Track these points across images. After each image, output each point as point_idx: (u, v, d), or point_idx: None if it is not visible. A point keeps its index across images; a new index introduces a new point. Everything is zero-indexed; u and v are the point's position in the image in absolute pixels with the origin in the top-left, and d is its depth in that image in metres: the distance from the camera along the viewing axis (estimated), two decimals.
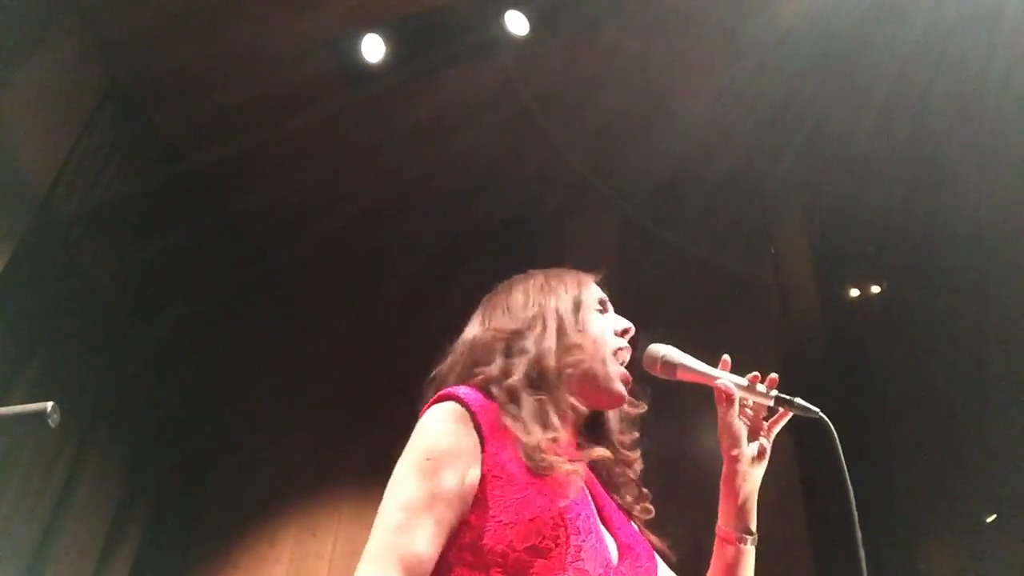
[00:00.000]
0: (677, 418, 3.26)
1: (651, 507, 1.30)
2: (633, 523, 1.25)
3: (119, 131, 3.72)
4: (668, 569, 1.29)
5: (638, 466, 1.32)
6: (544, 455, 1.09)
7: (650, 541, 1.26)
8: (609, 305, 1.39)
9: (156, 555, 3.73)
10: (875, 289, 4.13)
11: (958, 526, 3.27)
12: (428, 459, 1.08)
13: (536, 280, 1.37)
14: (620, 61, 3.64)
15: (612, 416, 1.33)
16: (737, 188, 3.90)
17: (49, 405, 1.11)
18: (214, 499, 4.05)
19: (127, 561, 3.63)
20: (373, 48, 3.64)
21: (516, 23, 3.51)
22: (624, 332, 1.32)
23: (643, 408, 1.35)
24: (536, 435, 1.11)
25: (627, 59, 3.62)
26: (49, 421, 1.10)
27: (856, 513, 1.08)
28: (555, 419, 1.16)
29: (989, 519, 3.23)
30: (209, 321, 4.19)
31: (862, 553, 1.05)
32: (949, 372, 3.45)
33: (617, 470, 1.29)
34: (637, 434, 1.34)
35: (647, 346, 1.30)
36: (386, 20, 3.60)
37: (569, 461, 1.11)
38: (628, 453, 1.31)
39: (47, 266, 3.35)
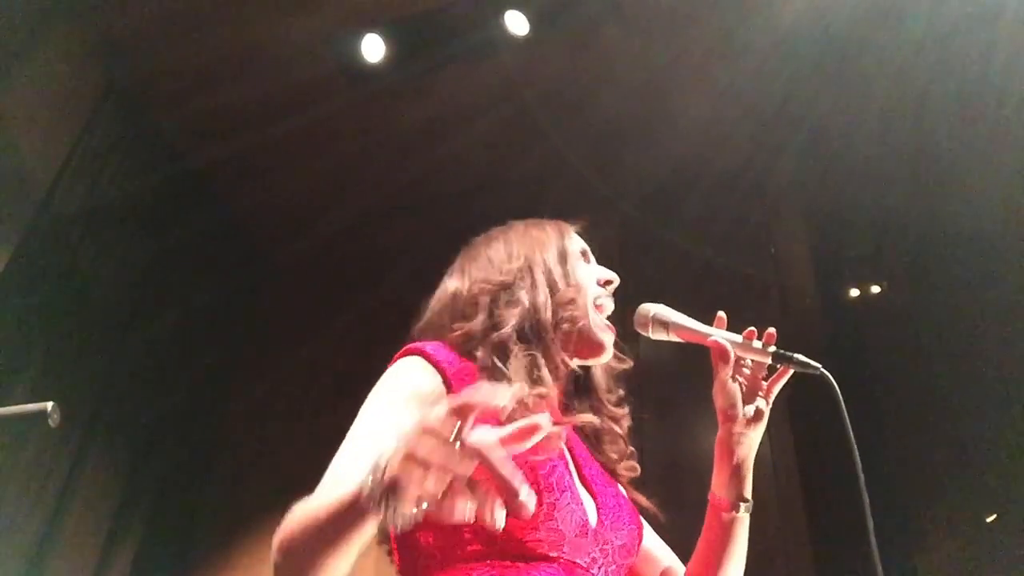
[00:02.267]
0: (677, 417, 3.26)
1: (636, 465, 1.26)
2: (619, 484, 1.22)
3: (119, 131, 3.71)
4: (655, 535, 1.27)
5: (625, 422, 1.28)
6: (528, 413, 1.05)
7: (637, 502, 1.23)
8: (591, 255, 1.35)
9: (156, 555, 3.73)
10: (875, 289, 4.13)
11: (958, 526, 3.26)
12: (385, 400, 1.06)
13: (517, 230, 1.33)
14: (620, 61, 3.64)
15: (599, 373, 1.30)
16: (737, 188, 3.90)
17: (49, 405, 1.11)
18: (214, 499, 4.05)
19: (127, 561, 3.63)
20: (373, 48, 3.64)
21: (516, 23, 3.50)
22: (607, 283, 1.29)
23: (629, 363, 1.31)
24: (524, 391, 1.07)
25: (627, 59, 3.62)
26: (49, 421, 1.11)
27: (862, 474, 1.04)
28: (546, 374, 1.12)
29: (989, 519, 3.23)
30: (209, 321, 4.19)
31: (870, 519, 1.01)
32: (949, 372, 3.44)
33: (603, 426, 1.25)
34: (623, 391, 1.31)
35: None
36: (386, 20, 3.60)
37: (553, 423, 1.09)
38: (615, 410, 1.28)
39: (47, 266, 3.35)
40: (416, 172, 4.00)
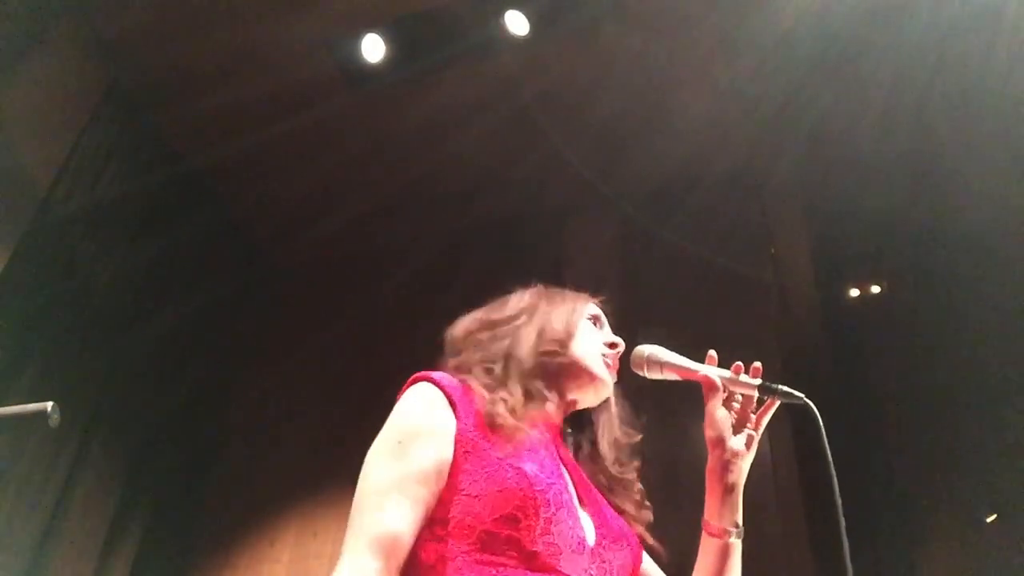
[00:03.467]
0: (678, 421, 3.26)
1: (650, 513, 1.30)
2: (626, 519, 1.25)
3: (119, 131, 3.71)
4: (654, 564, 1.29)
5: (636, 489, 1.30)
6: (502, 410, 1.12)
7: (642, 537, 1.25)
8: (604, 323, 1.39)
9: (156, 555, 3.73)
10: (875, 289, 4.13)
11: (958, 526, 3.27)
12: (399, 441, 1.10)
13: (536, 287, 1.41)
14: (620, 61, 3.64)
15: (604, 446, 1.32)
16: (737, 188, 3.90)
17: (49, 405, 1.11)
18: (214, 499, 4.05)
19: (127, 561, 3.63)
20: (373, 48, 3.64)
21: (516, 23, 3.50)
22: (612, 345, 1.33)
23: (637, 438, 1.36)
24: (496, 395, 1.16)
25: (627, 59, 3.62)
26: (49, 421, 1.10)
27: (839, 501, 1.08)
28: (518, 392, 1.19)
29: (989, 519, 3.23)
30: (209, 321, 4.19)
31: (846, 543, 1.05)
32: (949, 372, 3.44)
33: (614, 488, 1.29)
34: (637, 462, 1.34)
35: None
36: (386, 20, 3.60)
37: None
38: (626, 479, 1.30)
39: (47, 266, 3.35)
40: (416, 172, 4.00)
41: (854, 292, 4.15)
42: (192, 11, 3.47)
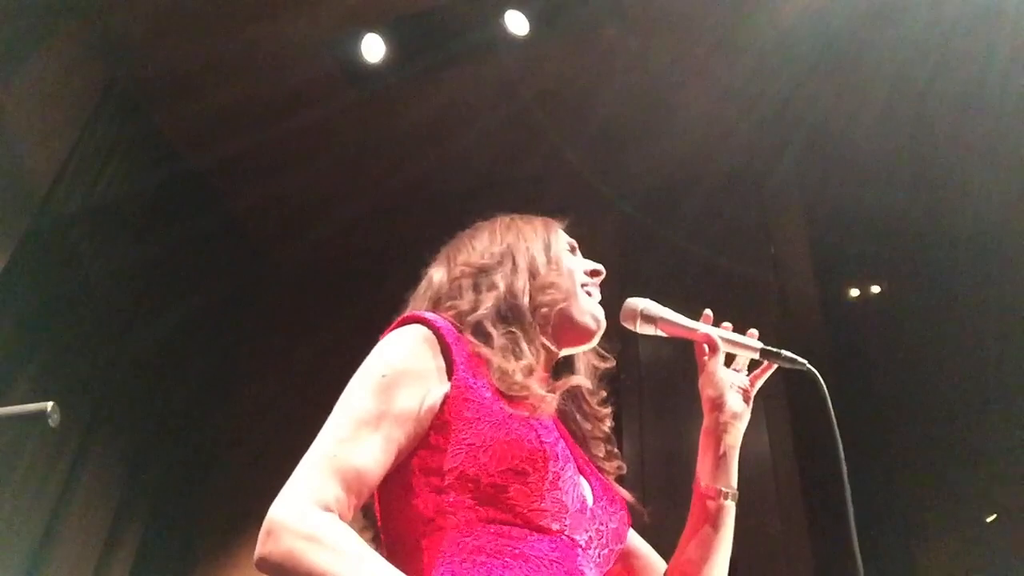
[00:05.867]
0: (675, 421, 3.26)
1: (623, 464, 1.26)
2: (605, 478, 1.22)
3: (119, 131, 3.71)
4: (635, 533, 1.26)
5: (607, 423, 1.27)
6: (520, 378, 1.06)
7: (630, 504, 1.22)
8: (578, 250, 1.35)
9: (156, 555, 3.73)
10: (875, 289, 4.13)
11: (958, 526, 3.26)
12: (383, 375, 1.03)
13: (502, 221, 1.33)
14: (620, 61, 3.64)
15: (583, 372, 1.29)
16: (737, 188, 3.90)
17: (49, 405, 1.11)
18: (215, 499, 4.05)
19: (127, 561, 3.63)
20: (373, 48, 3.64)
21: (516, 23, 3.51)
22: (594, 272, 1.29)
23: (612, 363, 1.32)
24: (510, 362, 1.08)
25: (627, 59, 3.62)
26: (49, 421, 1.11)
27: (846, 470, 1.06)
28: (527, 349, 1.12)
29: (989, 519, 3.23)
30: (209, 321, 4.19)
31: (852, 517, 1.03)
32: (949, 372, 3.44)
33: (587, 426, 1.25)
34: (605, 393, 1.30)
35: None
36: (386, 20, 3.60)
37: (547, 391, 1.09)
38: (599, 409, 1.27)
39: (47, 266, 3.35)
40: (416, 172, 4.00)
41: (854, 292, 4.15)
42: (192, 11, 3.47)
